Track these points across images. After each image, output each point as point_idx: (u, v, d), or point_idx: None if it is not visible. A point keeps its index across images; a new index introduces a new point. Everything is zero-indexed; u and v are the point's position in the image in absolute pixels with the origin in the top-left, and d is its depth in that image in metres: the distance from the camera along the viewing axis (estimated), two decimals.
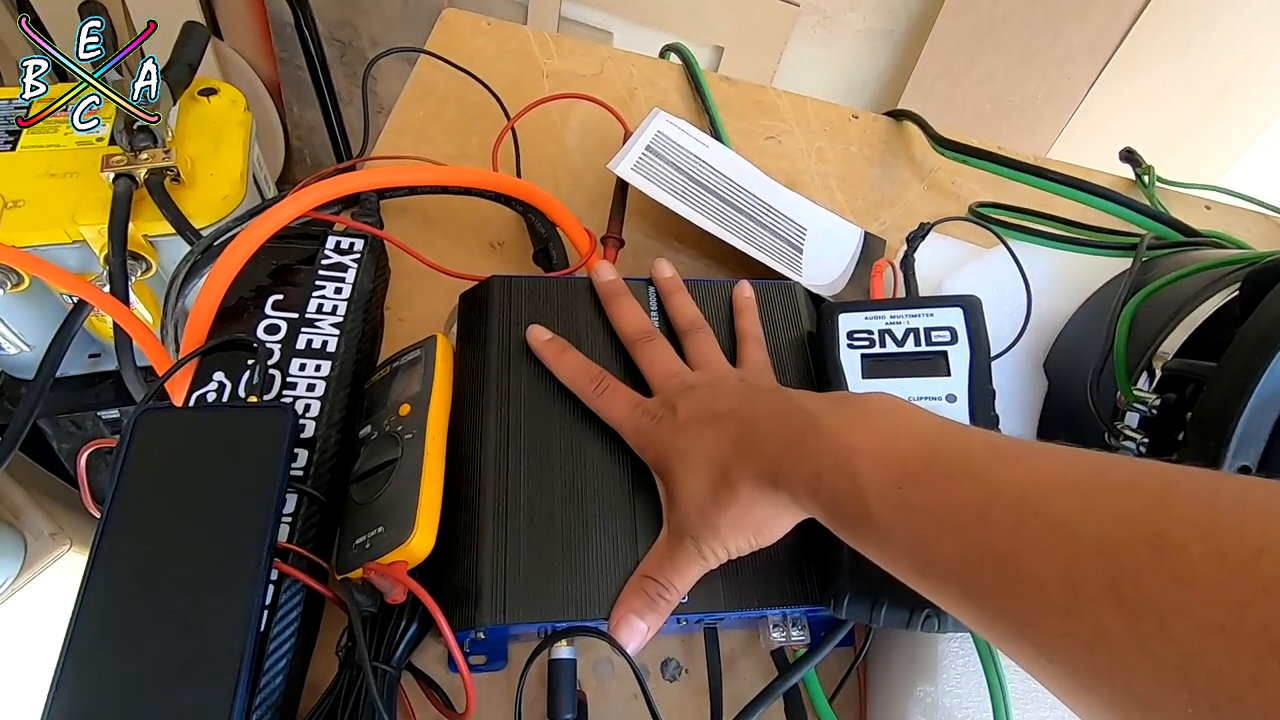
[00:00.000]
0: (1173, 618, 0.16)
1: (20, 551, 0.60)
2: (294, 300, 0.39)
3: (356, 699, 0.30)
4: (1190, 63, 0.97)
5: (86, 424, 0.63)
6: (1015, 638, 0.20)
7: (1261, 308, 0.26)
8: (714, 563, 0.30)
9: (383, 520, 0.32)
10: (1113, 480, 0.19)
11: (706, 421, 0.30)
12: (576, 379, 0.34)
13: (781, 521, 0.29)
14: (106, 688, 0.27)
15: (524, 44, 0.59)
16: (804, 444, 0.27)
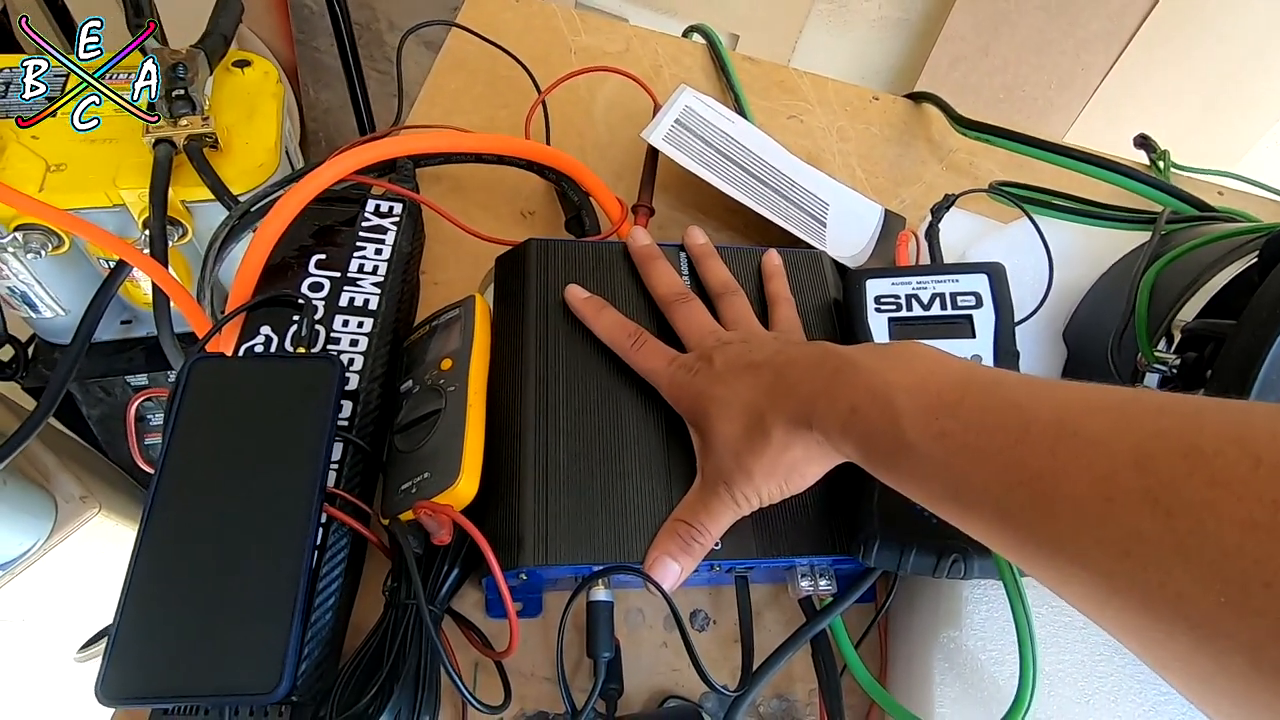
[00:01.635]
0: (1208, 517, 0.16)
1: (51, 514, 0.61)
2: (336, 260, 0.40)
3: (404, 635, 0.31)
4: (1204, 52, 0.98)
5: (115, 390, 0.65)
6: (1049, 553, 0.20)
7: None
8: (746, 509, 0.31)
9: (428, 466, 0.33)
10: (1146, 403, 0.20)
11: (742, 370, 0.31)
12: (614, 334, 0.35)
13: (813, 466, 0.30)
14: (169, 619, 0.29)
15: (551, 20, 0.60)
16: (839, 383, 0.28)
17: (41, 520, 0.60)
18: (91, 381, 0.63)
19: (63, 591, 0.65)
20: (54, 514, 0.61)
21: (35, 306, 0.56)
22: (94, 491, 0.65)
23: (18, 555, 0.58)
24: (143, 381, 0.65)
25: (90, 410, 0.65)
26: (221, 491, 0.31)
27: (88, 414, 0.65)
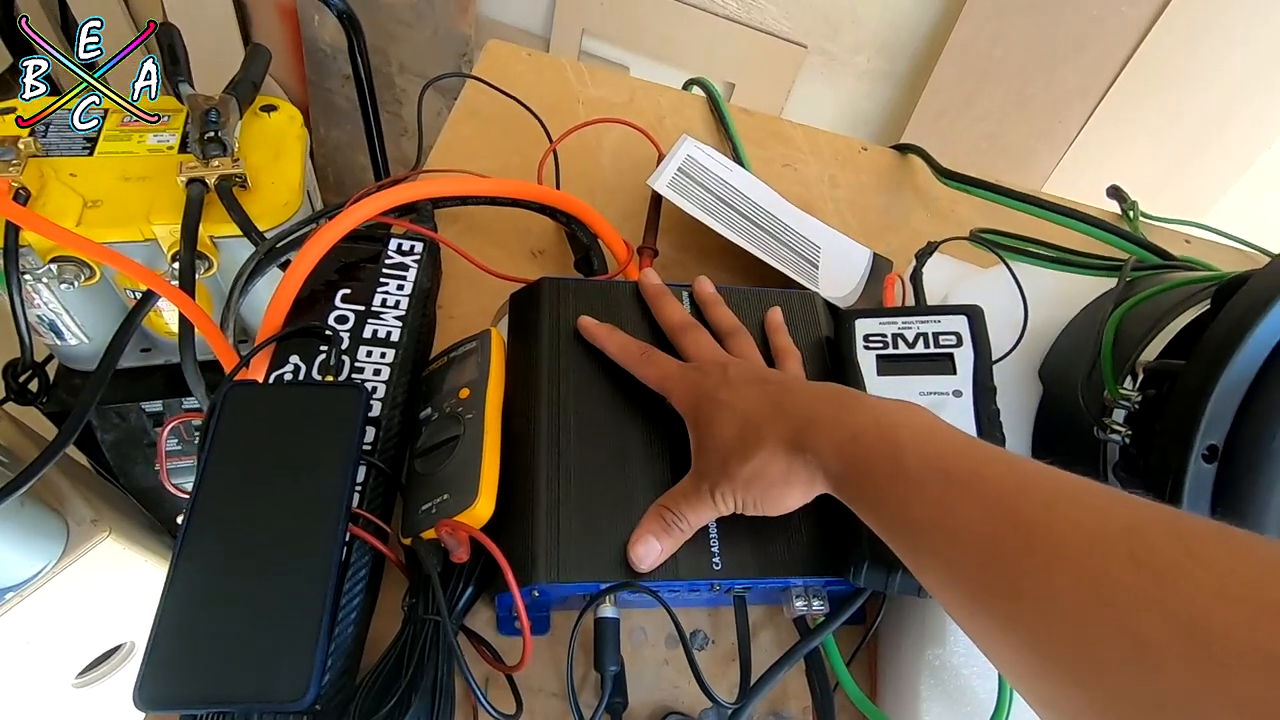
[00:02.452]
0: (1184, 580, 0.18)
1: (63, 536, 0.63)
2: (361, 294, 0.43)
3: (422, 649, 0.33)
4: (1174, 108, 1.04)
5: (130, 416, 0.67)
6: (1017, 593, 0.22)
7: (1224, 312, 0.30)
8: (724, 509, 0.33)
9: (447, 488, 0.35)
10: (1135, 498, 0.22)
11: (752, 382, 0.33)
12: (624, 351, 0.38)
13: (792, 490, 0.31)
14: (203, 629, 0.30)
15: (561, 73, 0.64)
16: (846, 412, 0.29)
17: (53, 543, 0.61)
18: (108, 407, 0.65)
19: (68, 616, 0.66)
20: (65, 537, 0.62)
21: (61, 334, 0.59)
22: (103, 515, 0.66)
23: (29, 577, 0.60)
24: (157, 407, 0.67)
25: (104, 435, 0.67)
26: (253, 509, 0.33)
27: (101, 438, 0.67)
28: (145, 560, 0.70)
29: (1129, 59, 1.01)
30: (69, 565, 0.62)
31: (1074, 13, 0.98)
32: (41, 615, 0.63)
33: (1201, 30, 0.97)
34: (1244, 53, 0.99)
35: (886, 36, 1.13)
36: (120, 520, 0.69)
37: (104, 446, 0.67)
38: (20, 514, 0.57)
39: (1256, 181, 1.13)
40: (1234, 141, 1.07)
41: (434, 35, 1.23)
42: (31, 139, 0.52)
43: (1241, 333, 0.28)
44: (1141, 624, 0.18)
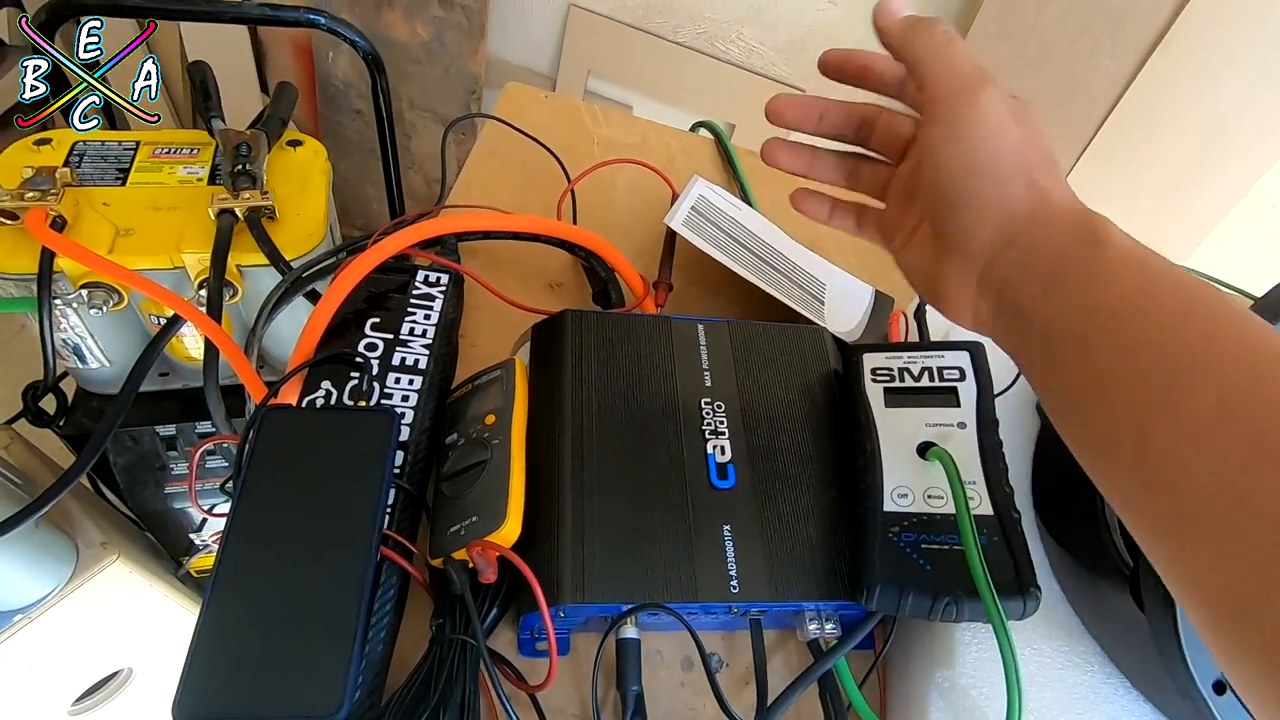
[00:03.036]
0: None
1: (72, 559, 0.63)
2: (389, 323, 0.44)
3: (450, 668, 0.34)
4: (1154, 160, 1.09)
5: (144, 439, 0.67)
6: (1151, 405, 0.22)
7: None
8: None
9: (475, 511, 0.37)
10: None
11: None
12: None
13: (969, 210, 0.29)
14: (240, 645, 0.31)
15: (576, 114, 0.67)
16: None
17: (63, 565, 0.61)
18: (123, 430, 0.66)
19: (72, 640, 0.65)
20: (75, 560, 0.63)
21: (84, 358, 0.60)
22: (112, 539, 0.66)
23: (38, 600, 0.60)
24: (170, 431, 0.68)
25: (117, 458, 0.68)
26: (289, 527, 0.34)
27: (114, 461, 0.68)
28: (150, 585, 0.70)
29: (1111, 110, 1.06)
30: (77, 588, 0.62)
31: (1060, 67, 1.03)
32: (46, 639, 0.63)
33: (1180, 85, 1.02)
34: (1219, 107, 1.04)
35: None
36: (127, 544, 0.69)
37: (116, 469, 0.68)
38: (34, 536, 0.57)
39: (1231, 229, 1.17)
40: (1211, 191, 1.12)
41: (445, 74, 1.27)
42: (67, 169, 0.54)
43: None
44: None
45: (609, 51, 1.27)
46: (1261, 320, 0.23)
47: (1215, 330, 0.23)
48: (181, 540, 0.80)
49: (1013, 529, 0.35)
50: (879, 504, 0.37)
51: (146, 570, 0.70)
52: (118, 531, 0.70)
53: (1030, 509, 0.43)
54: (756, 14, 1.16)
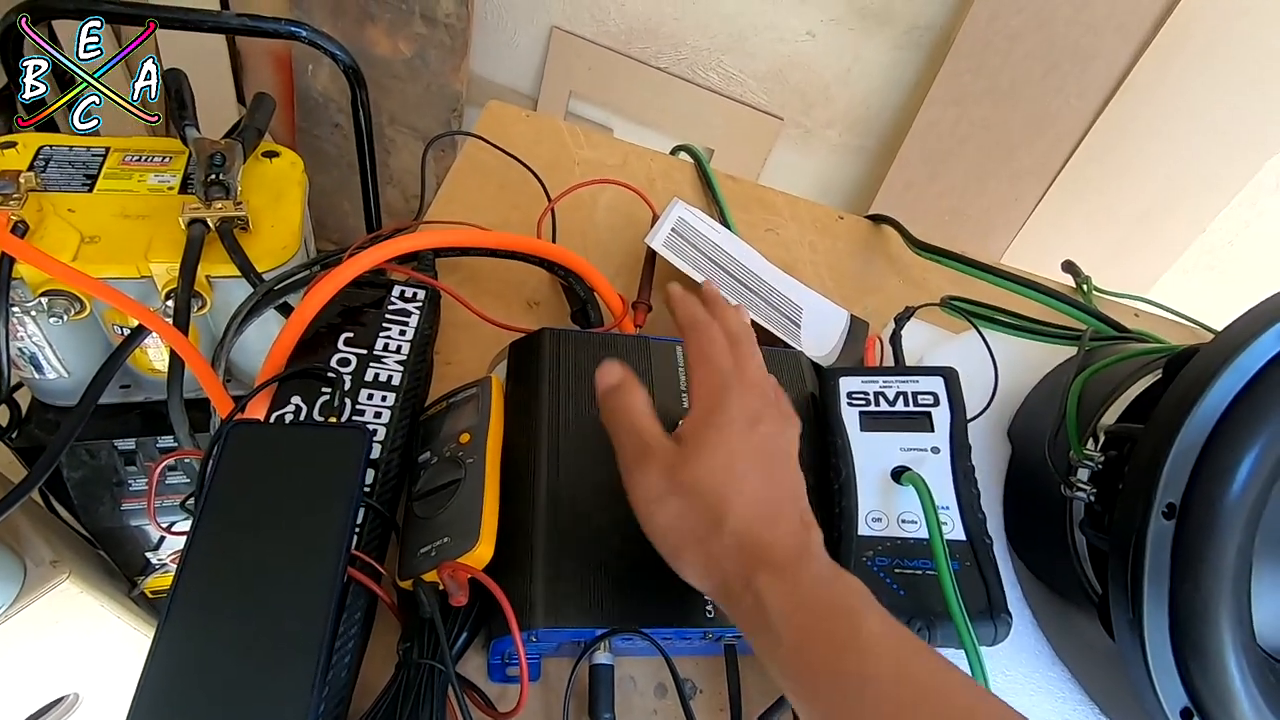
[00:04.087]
0: None
1: (19, 577, 0.60)
2: (363, 339, 0.44)
3: (417, 694, 0.33)
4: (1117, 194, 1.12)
5: (101, 454, 0.65)
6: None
7: (1178, 379, 0.33)
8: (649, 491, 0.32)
9: (447, 532, 0.36)
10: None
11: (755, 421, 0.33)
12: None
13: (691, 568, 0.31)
14: (196, 670, 0.30)
15: (558, 135, 0.67)
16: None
17: (10, 584, 0.59)
18: (79, 444, 0.63)
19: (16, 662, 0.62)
20: (22, 578, 0.60)
21: (41, 368, 0.58)
22: (63, 557, 0.64)
23: None
24: (129, 446, 0.66)
25: (71, 473, 0.65)
26: (253, 546, 0.33)
27: (68, 476, 0.65)
28: (102, 605, 0.67)
29: (1078, 145, 1.09)
30: (25, 607, 0.59)
31: (1029, 102, 1.07)
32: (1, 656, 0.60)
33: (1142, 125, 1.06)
34: (1179, 147, 1.08)
35: (858, 114, 1.21)
36: (79, 563, 0.67)
37: (69, 484, 0.65)
38: None
39: (1190, 264, 1.22)
40: (1171, 226, 1.16)
41: (426, 91, 1.27)
42: (31, 173, 0.53)
43: (1193, 400, 0.31)
44: None
45: (591, 74, 1.29)
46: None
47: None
48: (137, 559, 0.77)
49: (985, 554, 0.36)
50: (854, 528, 0.37)
51: (98, 590, 0.67)
52: (69, 549, 0.67)
53: (1002, 535, 0.44)
54: (737, 42, 1.18)
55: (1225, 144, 1.07)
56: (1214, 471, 0.30)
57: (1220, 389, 0.31)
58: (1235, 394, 0.31)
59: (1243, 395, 0.31)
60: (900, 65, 1.14)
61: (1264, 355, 0.31)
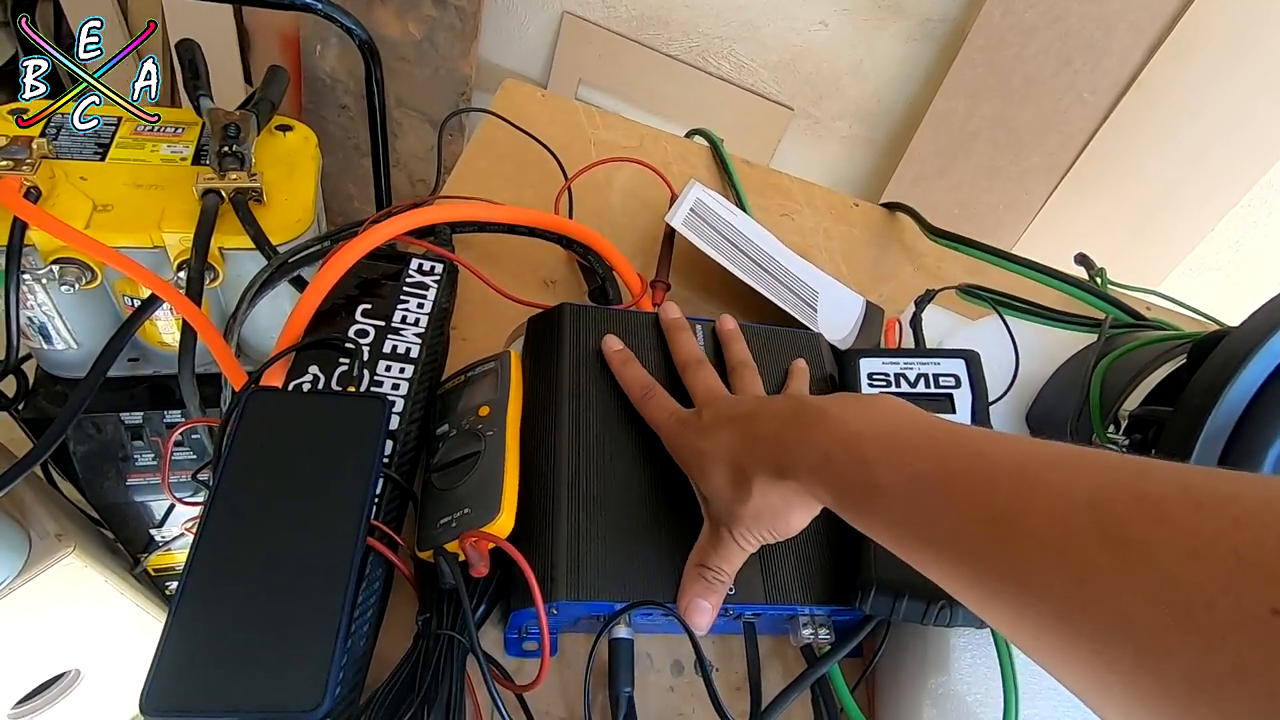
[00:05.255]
0: (1156, 549, 0.18)
1: (25, 549, 0.59)
2: (381, 310, 0.43)
3: (437, 665, 0.32)
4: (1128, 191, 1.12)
5: (108, 427, 0.65)
6: (1010, 588, 0.22)
7: (1208, 363, 0.33)
8: (751, 547, 0.34)
9: (467, 503, 0.35)
10: (1097, 458, 0.22)
11: (724, 423, 0.34)
12: (630, 384, 0.39)
13: (795, 513, 0.32)
14: (215, 636, 0.30)
15: (574, 115, 0.67)
16: (811, 433, 0.30)
17: (15, 555, 0.58)
18: (86, 416, 0.63)
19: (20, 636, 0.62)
20: (27, 550, 0.59)
21: (50, 338, 0.57)
22: (67, 531, 0.63)
23: None
24: (136, 420, 0.65)
25: (77, 446, 0.65)
26: (271, 514, 0.33)
27: (74, 449, 0.65)
28: (106, 581, 0.67)
29: (1088, 142, 1.09)
30: (29, 581, 0.59)
31: (1041, 98, 1.07)
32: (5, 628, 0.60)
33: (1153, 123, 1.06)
34: (1189, 146, 1.08)
35: (868, 106, 1.20)
36: (83, 537, 0.66)
37: (75, 458, 0.65)
38: None
39: (1197, 263, 1.22)
40: (1179, 225, 1.16)
41: (435, 74, 1.27)
42: (44, 140, 0.52)
43: (1224, 383, 0.31)
44: (1125, 604, 0.18)
45: (601, 60, 1.28)
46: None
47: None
48: (141, 536, 0.76)
49: None
50: None
51: (102, 566, 0.67)
52: (73, 524, 0.67)
53: None
54: (750, 31, 1.18)
55: (1235, 144, 1.07)
56: (1244, 453, 0.30)
57: (1251, 372, 0.31)
58: (1266, 377, 0.31)
59: (1273, 379, 0.31)
60: (912, 58, 1.13)
61: None
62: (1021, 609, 0.22)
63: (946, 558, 0.25)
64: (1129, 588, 0.18)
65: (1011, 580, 0.22)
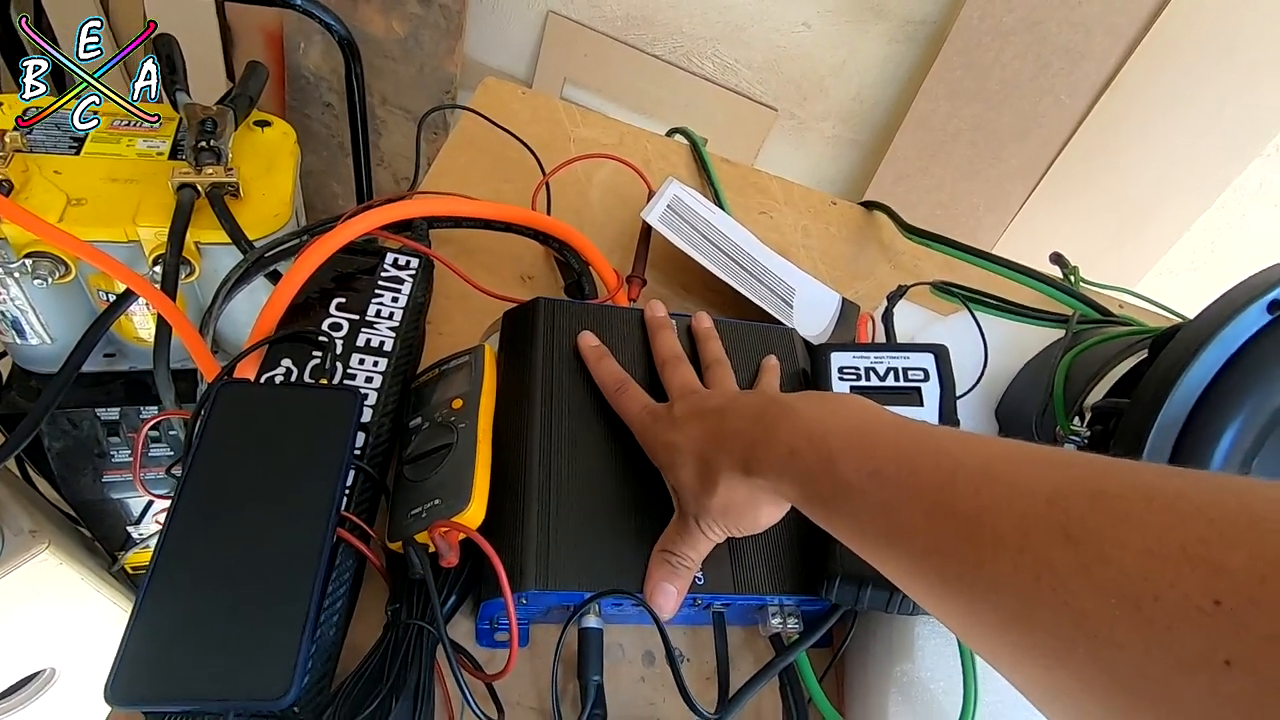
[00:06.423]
0: (1109, 546, 0.19)
1: None
2: (355, 304, 0.43)
3: (405, 654, 0.33)
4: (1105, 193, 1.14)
5: (84, 423, 0.64)
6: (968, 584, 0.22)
7: (1163, 355, 0.33)
8: (717, 538, 0.34)
9: (438, 494, 0.36)
10: (1056, 457, 0.23)
11: (694, 417, 0.35)
12: (605, 379, 0.39)
13: (762, 510, 0.32)
14: (182, 625, 0.30)
15: (554, 113, 0.67)
16: (779, 429, 0.30)
17: None
18: (61, 412, 0.62)
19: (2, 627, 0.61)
20: (0, 546, 0.59)
21: (23, 333, 0.57)
22: (42, 527, 0.63)
23: None
24: (113, 416, 0.65)
25: (52, 443, 0.64)
26: (242, 505, 0.33)
27: (49, 446, 0.64)
28: (81, 578, 0.66)
29: (1066, 144, 1.11)
30: (2, 577, 0.58)
31: (1019, 100, 1.08)
32: None
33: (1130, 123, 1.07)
34: (1164, 149, 1.10)
35: (851, 107, 1.21)
36: (58, 534, 0.66)
37: (50, 455, 0.64)
38: None
39: (1172, 264, 1.24)
40: (1156, 226, 1.18)
41: (420, 72, 1.26)
42: (17, 133, 0.52)
43: (1177, 375, 0.32)
44: (1079, 599, 0.19)
45: (586, 60, 1.28)
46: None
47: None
48: (118, 534, 0.76)
49: None
50: None
51: (78, 563, 0.66)
52: (48, 520, 0.66)
53: None
54: (734, 31, 1.18)
55: (1210, 147, 1.09)
56: (1196, 443, 0.31)
57: (1203, 364, 0.32)
58: (1218, 369, 0.32)
59: (1225, 370, 0.32)
60: (895, 60, 1.14)
61: (1246, 331, 0.32)
62: (979, 606, 0.22)
63: (907, 554, 0.25)
64: (1084, 583, 0.19)
65: (970, 576, 0.22)
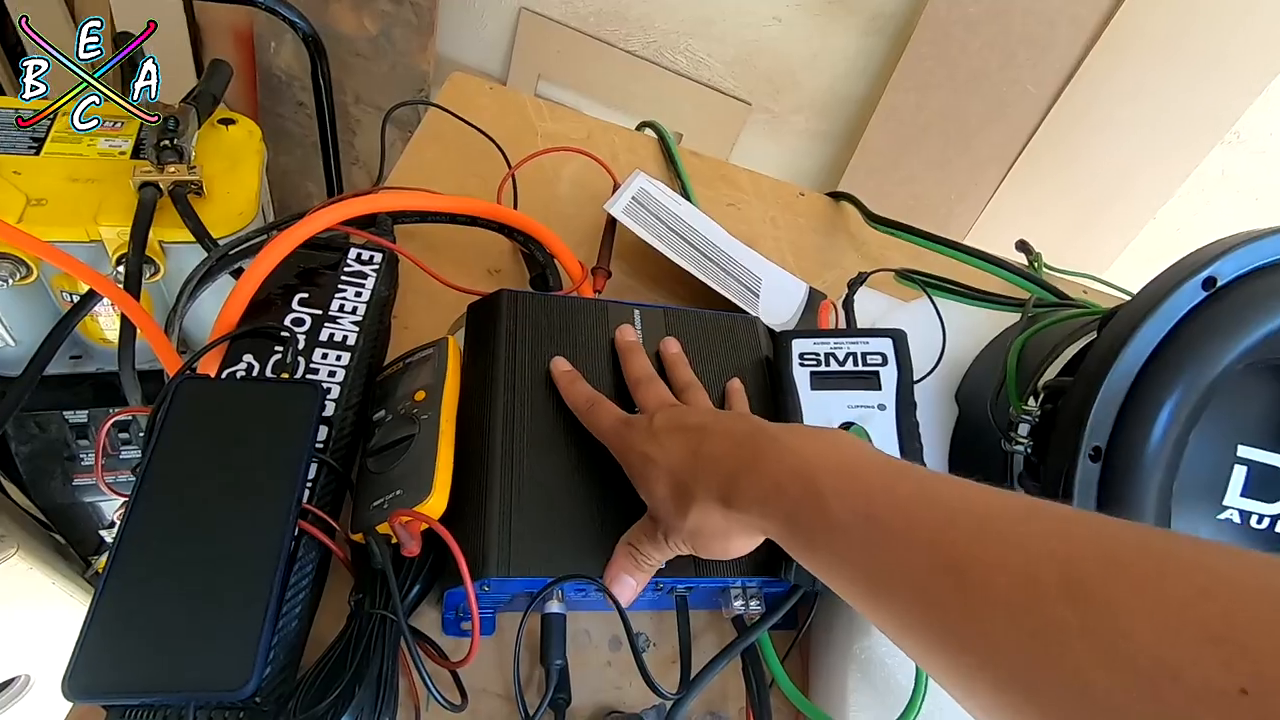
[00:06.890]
0: (1120, 612, 0.18)
1: None
2: (318, 299, 0.43)
3: (367, 643, 0.33)
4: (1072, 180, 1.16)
5: (51, 426, 0.64)
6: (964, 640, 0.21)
7: (1103, 334, 0.34)
8: (679, 551, 0.34)
9: (400, 485, 0.36)
10: (1061, 513, 0.22)
11: (674, 430, 0.34)
12: (576, 401, 0.38)
13: (735, 540, 0.32)
14: (141, 618, 0.30)
15: (522, 108, 0.67)
16: (763, 461, 0.29)
17: None
18: (28, 415, 0.62)
19: None
20: None
21: None
22: (11, 532, 0.62)
23: None
24: (81, 418, 0.64)
25: (20, 446, 0.64)
26: (201, 499, 0.33)
27: (16, 450, 0.64)
28: (53, 584, 0.66)
29: (1033, 133, 1.12)
30: None
31: (986, 88, 1.09)
32: None
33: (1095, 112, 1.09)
34: (1129, 137, 1.12)
35: (824, 100, 1.22)
36: (28, 538, 0.65)
37: (18, 459, 0.64)
38: None
39: (1140, 250, 1.26)
40: (1123, 212, 1.20)
41: (392, 70, 1.26)
42: None
43: (1117, 351, 0.33)
44: (1084, 664, 0.18)
45: (559, 56, 1.28)
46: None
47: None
48: (90, 538, 0.75)
49: None
50: None
51: (50, 568, 0.66)
52: (17, 525, 0.66)
53: None
54: (705, 27, 1.19)
55: (1173, 134, 1.11)
56: (1136, 416, 0.32)
57: (1141, 339, 0.33)
58: (1156, 344, 0.33)
59: (1163, 345, 0.33)
60: (865, 52, 1.15)
61: (1182, 308, 0.33)
62: (975, 662, 0.21)
63: (899, 604, 0.24)
64: (1089, 647, 0.18)
65: (964, 630, 0.21)
